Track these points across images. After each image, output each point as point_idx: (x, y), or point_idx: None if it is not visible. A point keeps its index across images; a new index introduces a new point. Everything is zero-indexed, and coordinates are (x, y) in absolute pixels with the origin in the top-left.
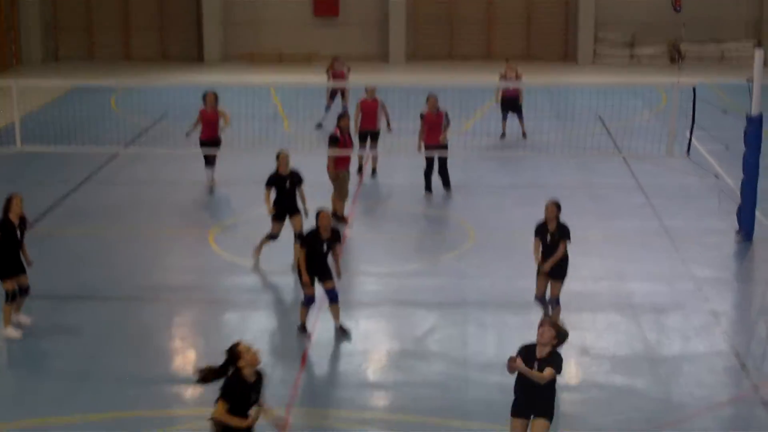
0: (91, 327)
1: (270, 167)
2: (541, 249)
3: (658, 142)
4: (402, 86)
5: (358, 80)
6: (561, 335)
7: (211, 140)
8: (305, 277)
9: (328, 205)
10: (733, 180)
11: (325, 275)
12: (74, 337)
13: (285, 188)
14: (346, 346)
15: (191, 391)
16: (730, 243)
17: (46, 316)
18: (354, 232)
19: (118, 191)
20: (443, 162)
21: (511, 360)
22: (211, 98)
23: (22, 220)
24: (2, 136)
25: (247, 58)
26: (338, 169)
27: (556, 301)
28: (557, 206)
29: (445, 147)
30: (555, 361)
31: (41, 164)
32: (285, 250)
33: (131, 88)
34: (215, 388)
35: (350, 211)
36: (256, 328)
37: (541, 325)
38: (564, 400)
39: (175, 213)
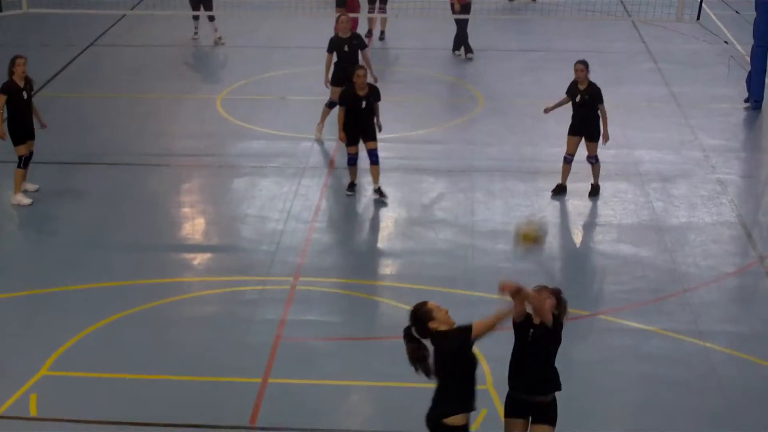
0: (99, 193)
1: (275, 29)
2: (571, 107)
3: (668, 6)
4: None
5: None
6: (563, 305)
7: None
8: (341, 135)
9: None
10: (744, 46)
11: (366, 134)
12: (82, 204)
13: (345, 53)
14: (354, 213)
15: (200, 258)
16: (739, 111)
17: (53, 181)
18: None
19: (124, 54)
20: (464, 24)
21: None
22: None
23: (28, 82)
24: None
25: None
26: None
27: (595, 159)
28: (585, 65)
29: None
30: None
31: (47, 27)
32: (295, 115)
33: None
34: (227, 256)
35: None
36: (264, 195)
37: (539, 293)
38: (569, 269)
39: (182, 77)
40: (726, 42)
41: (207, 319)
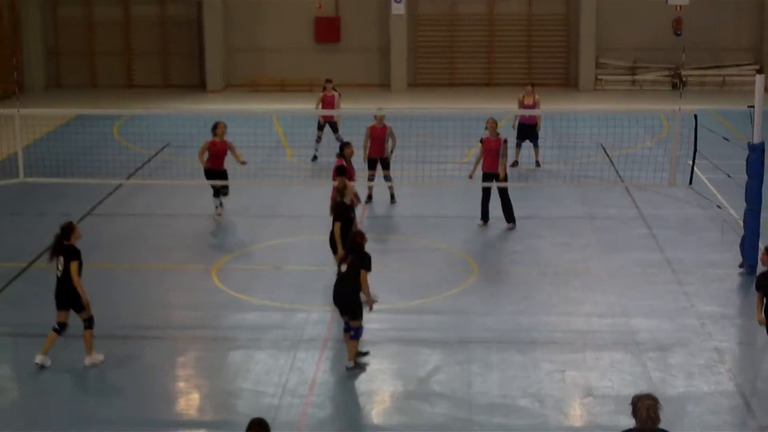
0: (94, 366)
1: (274, 198)
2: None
3: (660, 171)
4: (404, 113)
5: (362, 107)
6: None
7: (218, 171)
8: (369, 301)
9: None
10: (737, 211)
11: None
12: (76, 378)
13: (351, 219)
14: (349, 387)
15: None
16: (734, 276)
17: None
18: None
19: (120, 224)
20: (504, 194)
21: None
22: (222, 129)
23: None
24: (5, 166)
25: (249, 86)
26: None
27: None
28: None
29: (505, 178)
30: None
31: (43, 195)
32: (291, 285)
33: (134, 115)
34: None
35: None
36: (259, 368)
37: None
38: None
39: (178, 247)
40: (719, 206)
41: None
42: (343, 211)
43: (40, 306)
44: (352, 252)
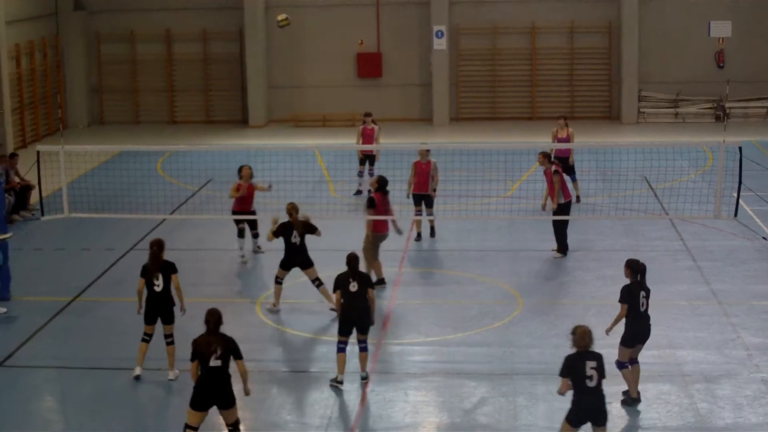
0: (138, 399)
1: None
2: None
3: (705, 203)
4: (447, 148)
5: (404, 142)
6: None
7: (245, 213)
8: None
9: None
10: None
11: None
12: (118, 411)
13: (290, 241)
14: (395, 419)
15: None
16: None
17: (92, 389)
18: (401, 299)
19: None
20: (557, 223)
21: None
22: (246, 172)
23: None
24: (50, 202)
25: (291, 121)
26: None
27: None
28: None
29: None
30: None
31: (87, 230)
32: (334, 318)
33: (177, 151)
34: None
35: (397, 276)
36: (304, 400)
37: None
38: None
39: (222, 281)
40: (765, 238)
41: None
42: (283, 227)
43: (84, 339)
44: (355, 274)
